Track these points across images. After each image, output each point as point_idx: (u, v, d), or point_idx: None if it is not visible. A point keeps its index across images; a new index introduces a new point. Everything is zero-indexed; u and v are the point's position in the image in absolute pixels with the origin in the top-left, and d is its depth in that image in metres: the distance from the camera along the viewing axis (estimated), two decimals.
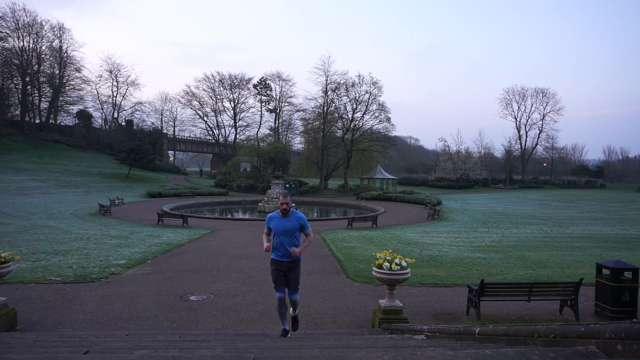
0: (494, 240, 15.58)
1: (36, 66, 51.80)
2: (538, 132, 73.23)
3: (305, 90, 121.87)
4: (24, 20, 49.74)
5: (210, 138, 69.17)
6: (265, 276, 8.24)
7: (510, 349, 1.86)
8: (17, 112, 51.52)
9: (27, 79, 50.63)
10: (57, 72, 54.38)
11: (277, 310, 4.83)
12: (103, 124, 61.59)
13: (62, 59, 54.12)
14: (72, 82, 56.20)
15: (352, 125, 48.04)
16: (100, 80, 59.25)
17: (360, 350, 2.07)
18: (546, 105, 71.96)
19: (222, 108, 66.42)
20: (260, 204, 28.83)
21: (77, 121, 56.84)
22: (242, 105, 66.30)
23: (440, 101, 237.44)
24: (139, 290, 7.36)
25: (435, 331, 3.75)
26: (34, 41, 51.06)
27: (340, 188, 47.89)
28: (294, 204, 4.84)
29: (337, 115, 49.59)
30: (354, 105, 47.93)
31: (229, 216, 26.58)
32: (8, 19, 48.52)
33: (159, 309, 6.30)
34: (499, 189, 64.06)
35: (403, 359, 1.76)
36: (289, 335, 4.74)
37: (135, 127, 59.53)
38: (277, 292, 4.75)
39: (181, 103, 66.15)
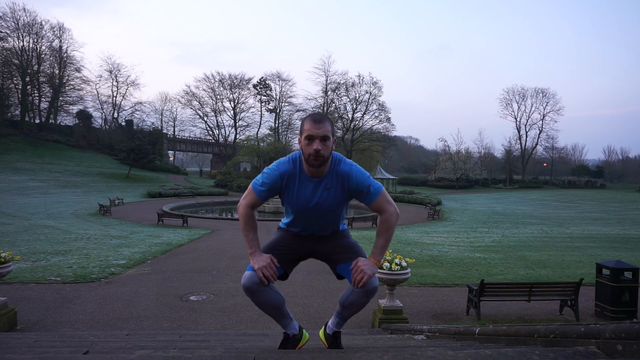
0: (494, 240, 15.58)
1: (36, 66, 51.80)
2: (538, 132, 73.37)
3: (305, 90, 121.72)
4: (23, 20, 49.79)
5: (210, 138, 69.19)
6: None
7: (510, 349, 1.86)
8: (17, 112, 51.49)
9: (27, 79, 50.62)
10: (57, 72, 54.37)
11: (267, 311, 2.33)
12: (103, 124, 61.57)
13: (62, 59, 54.13)
14: (72, 82, 56.26)
15: (352, 125, 48.16)
16: (100, 80, 59.28)
17: (360, 350, 2.07)
18: (546, 105, 72.13)
19: (222, 108, 66.52)
20: None
21: (77, 121, 56.82)
22: (242, 105, 66.45)
23: (440, 101, 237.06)
24: (139, 290, 7.36)
25: (435, 331, 3.74)
26: (33, 41, 51.08)
27: None
28: None
29: (337, 115, 49.74)
30: (354, 105, 48.13)
31: (229, 216, 26.58)
32: (8, 18, 48.57)
33: (159, 309, 6.30)
34: (499, 189, 64.08)
35: (403, 359, 1.76)
36: (302, 341, 2.45)
37: (135, 127, 59.50)
38: (278, 269, 2.18)
39: (181, 103, 66.23)
